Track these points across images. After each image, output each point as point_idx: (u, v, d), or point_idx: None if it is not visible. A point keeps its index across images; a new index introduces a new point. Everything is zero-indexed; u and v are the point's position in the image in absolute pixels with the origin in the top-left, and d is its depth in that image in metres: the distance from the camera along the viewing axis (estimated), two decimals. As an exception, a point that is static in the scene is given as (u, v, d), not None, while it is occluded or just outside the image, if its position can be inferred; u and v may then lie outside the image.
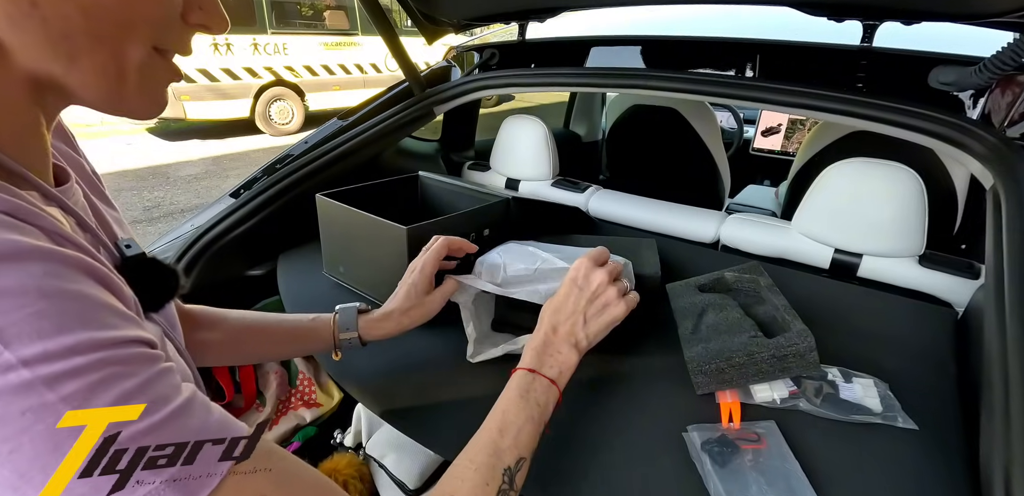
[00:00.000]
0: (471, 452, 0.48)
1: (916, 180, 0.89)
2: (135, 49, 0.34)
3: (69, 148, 0.47)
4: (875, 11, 0.79)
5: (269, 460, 0.33)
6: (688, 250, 1.08)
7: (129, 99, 0.35)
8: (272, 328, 0.68)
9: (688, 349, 0.66)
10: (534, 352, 0.55)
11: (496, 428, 0.49)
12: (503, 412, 0.50)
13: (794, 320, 0.63)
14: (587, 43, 1.17)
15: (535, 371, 0.54)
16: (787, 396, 0.61)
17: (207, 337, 0.64)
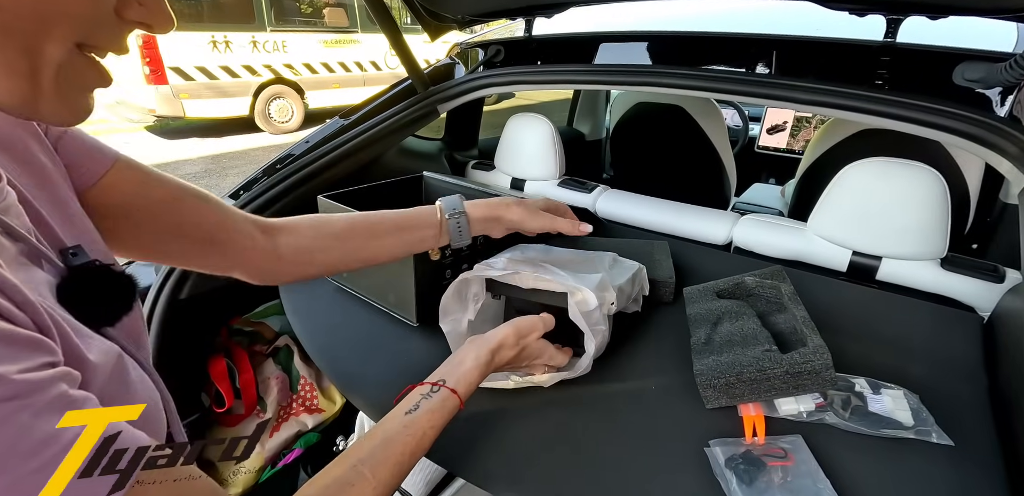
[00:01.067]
0: (373, 464, 0.45)
1: (939, 180, 0.86)
2: (53, 46, 0.29)
3: (14, 142, 0.41)
4: (900, 5, 0.75)
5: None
6: (700, 252, 1.05)
7: (44, 103, 0.30)
8: (374, 222, 0.64)
9: (698, 361, 0.63)
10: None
11: (410, 451, 0.47)
12: (423, 435, 0.49)
13: (812, 334, 0.60)
14: (595, 39, 1.13)
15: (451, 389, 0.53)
16: (813, 409, 0.59)
17: (310, 244, 0.60)
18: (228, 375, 1.06)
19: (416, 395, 0.52)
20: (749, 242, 1.04)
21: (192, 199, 0.53)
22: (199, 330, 0.98)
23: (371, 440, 0.47)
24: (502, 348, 0.57)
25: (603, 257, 0.77)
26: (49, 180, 0.42)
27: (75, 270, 0.38)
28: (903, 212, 0.87)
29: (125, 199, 0.48)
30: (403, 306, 0.79)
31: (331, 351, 0.76)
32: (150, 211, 0.50)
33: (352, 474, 0.43)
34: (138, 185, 0.49)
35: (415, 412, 0.50)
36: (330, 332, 0.81)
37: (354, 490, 0.42)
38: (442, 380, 0.53)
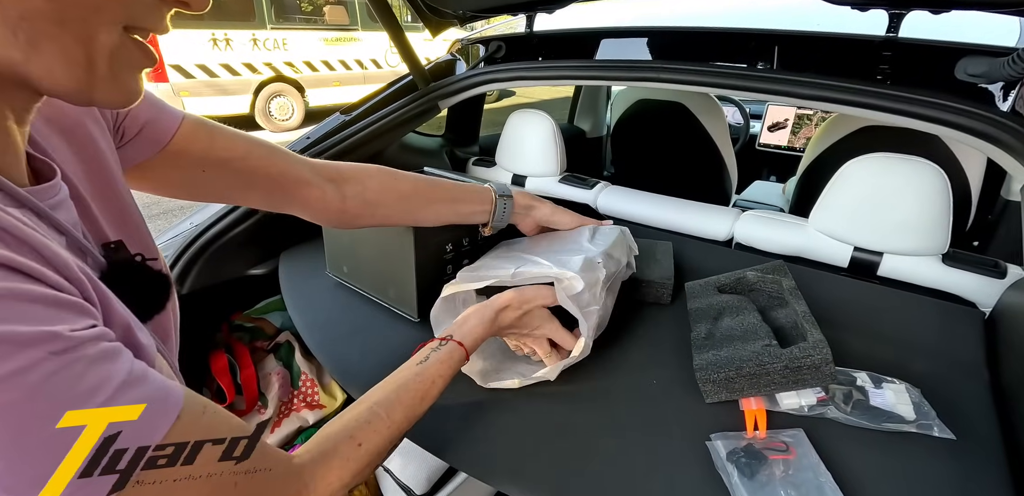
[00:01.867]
0: (388, 405, 0.49)
1: (941, 176, 0.86)
2: (105, 32, 0.30)
3: (81, 132, 0.43)
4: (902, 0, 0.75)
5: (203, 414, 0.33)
6: (701, 248, 1.05)
7: (100, 88, 0.31)
8: (436, 189, 0.70)
9: (698, 356, 0.63)
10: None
11: (421, 396, 0.52)
12: (432, 382, 0.53)
13: (812, 329, 0.60)
14: (596, 35, 1.13)
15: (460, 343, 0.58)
16: (815, 403, 0.59)
17: (376, 198, 0.66)
18: (229, 370, 1.06)
19: (427, 349, 0.56)
20: (750, 238, 1.04)
21: (261, 150, 0.57)
22: (201, 326, 0.98)
23: (386, 386, 0.51)
24: (506, 309, 0.61)
25: (581, 232, 0.78)
26: (104, 168, 0.43)
27: (114, 265, 0.40)
28: (904, 207, 0.87)
29: (198, 154, 0.52)
30: (404, 301, 0.79)
31: (331, 345, 0.76)
32: (222, 164, 0.54)
33: (369, 414, 0.47)
34: (208, 140, 0.53)
35: (426, 362, 0.54)
36: (330, 327, 0.81)
37: (371, 427, 0.46)
38: (449, 335, 0.58)
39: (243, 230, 0.96)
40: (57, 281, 0.29)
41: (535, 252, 0.71)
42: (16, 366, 0.24)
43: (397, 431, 0.49)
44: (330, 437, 0.45)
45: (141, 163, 0.49)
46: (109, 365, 0.28)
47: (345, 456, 0.43)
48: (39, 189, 0.35)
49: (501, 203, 0.73)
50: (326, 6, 6.60)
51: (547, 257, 0.68)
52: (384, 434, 0.47)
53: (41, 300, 0.27)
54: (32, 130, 0.37)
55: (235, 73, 5.91)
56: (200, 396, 0.34)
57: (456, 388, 0.66)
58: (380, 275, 0.83)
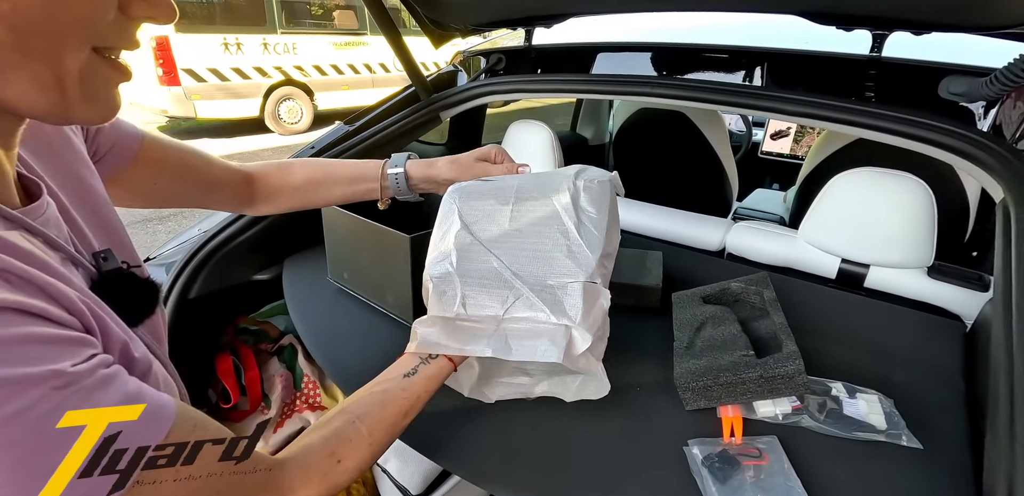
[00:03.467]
0: (371, 422, 0.49)
1: (925, 190, 0.88)
2: (71, 55, 0.31)
3: (54, 150, 0.45)
4: (884, 21, 0.78)
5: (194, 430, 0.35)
6: (693, 258, 1.07)
7: (75, 107, 0.33)
8: (329, 174, 0.74)
9: (678, 365, 0.66)
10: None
11: (404, 412, 0.51)
12: (418, 398, 0.53)
13: (787, 340, 0.63)
14: (594, 49, 1.16)
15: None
16: (789, 412, 0.61)
17: (277, 191, 0.73)
18: (234, 372, 1.09)
19: (415, 359, 0.55)
20: (742, 248, 1.06)
21: (199, 159, 0.66)
22: (207, 328, 1.02)
23: (370, 397, 0.51)
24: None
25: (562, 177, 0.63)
26: (83, 181, 0.47)
27: (105, 275, 0.42)
28: (890, 221, 0.89)
29: (154, 167, 0.60)
30: (401, 307, 0.82)
31: (331, 349, 0.80)
32: (173, 174, 0.62)
33: (350, 430, 0.47)
34: (162, 153, 0.60)
35: (413, 376, 0.53)
36: (331, 331, 0.84)
37: (351, 445, 0.47)
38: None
39: (249, 237, 0.99)
40: (61, 316, 0.31)
41: (515, 266, 0.57)
42: (22, 405, 0.26)
43: (378, 448, 0.49)
44: (313, 450, 0.45)
45: (108, 178, 0.54)
46: (102, 393, 0.30)
47: (323, 471, 0.44)
48: (30, 209, 0.37)
49: (392, 177, 0.73)
50: (336, 11, 6.68)
51: (533, 285, 0.56)
52: (364, 452, 0.47)
53: (48, 340, 0.29)
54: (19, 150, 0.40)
55: (246, 77, 6.00)
56: (193, 412, 0.36)
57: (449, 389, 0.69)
58: (378, 282, 0.86)
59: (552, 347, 0.52)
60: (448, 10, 1.11)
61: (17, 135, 0.36)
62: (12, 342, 0.27)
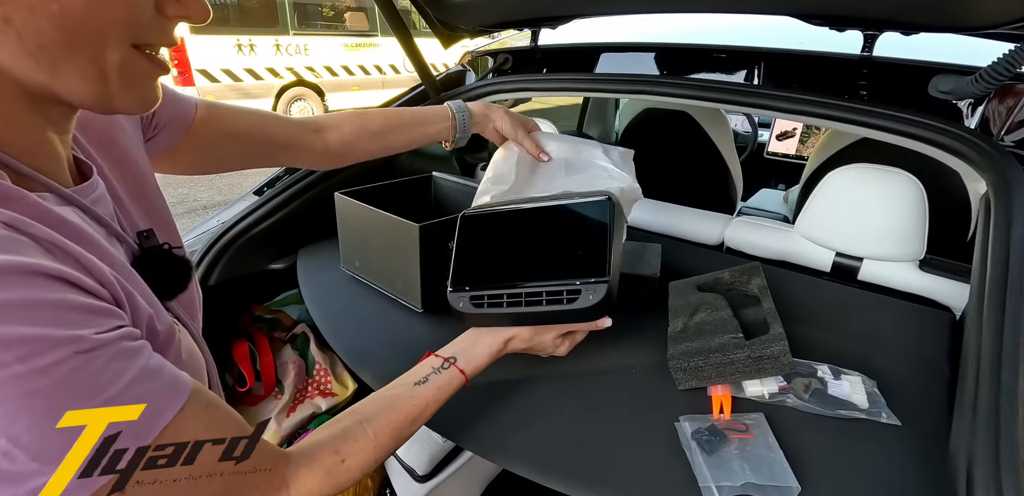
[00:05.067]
0: (377, 425, 0.50)
1: (916, 185, 0.91)
2: (112, 51, 0.34)
3: (108, 138, 0.49)
4: (874, 22, 0.81)
5: (207, 409, 0.37)
6: (693, 252, 1.11)
7: (116, 98, 0.36)
8: (404, 118, 0.80)
9: (672, 347, 0.69)
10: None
11: (412, 419, 0.53)
12: (426, 406, 0.55)
13: (774, 323, 0.66)
14: (598, 50, 1.20)
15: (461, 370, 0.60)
16: (776, 391, 0.64)
17: (353, 139, 0.76)
18: (250, 358, 1.14)
19: (427, 367, 0.58)
20: (739, 242, 1.09)
21: (258, 119, 0.69)
22: (225, 315, 1.06)
23: (380, 401, 0.53)
24: (514, 339, 0.62)
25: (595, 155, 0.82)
26: (135, 168, 0.50)
27: (145, 252, 0.46)
28: (882, 215, 0.92)
29: (212, 133, 0.63)
30: (409, 293, 0.86)
31: (344, 333, 0.84)
32: (232, 138, 0.65)
33: (357, 430, 0.49)
34: (218, 120, 0.63)
35: (424, 385, 0.56)
36: (343, 317, 0.88)
37: (356, 445, 0.48)
38: (454, 358, 0.59)
39: (264, 228, 1.04)
40: (93, 287, 0.33)
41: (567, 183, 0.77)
42: (49, 361, 0.28)
43: (383, 452, 0.50)
44: (319, 446, 0.47)
45: (168, 148, 0.58)
46: (125, 363, 0.32)
47: (327, 468, 0.46)
48: (81, 188, 0.41)
49: (460, 116, 0.81)
50: (347, 13, 6.77)
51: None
52: (369, 454, 0.48)
53: (77, 307, 0.31)
54: (77, 134, 0.44)
55: (258, 77, 6.09)
56: (208, 393, 0.38)
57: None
58: (388, 269, 0.90)
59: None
60: (457, 11, 1.15)
61: (72, 121, 0.40)
62: (47, 305, 0.29)
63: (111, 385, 0.31)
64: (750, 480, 0.53)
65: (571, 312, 0.57)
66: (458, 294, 0.62)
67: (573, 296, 0.56)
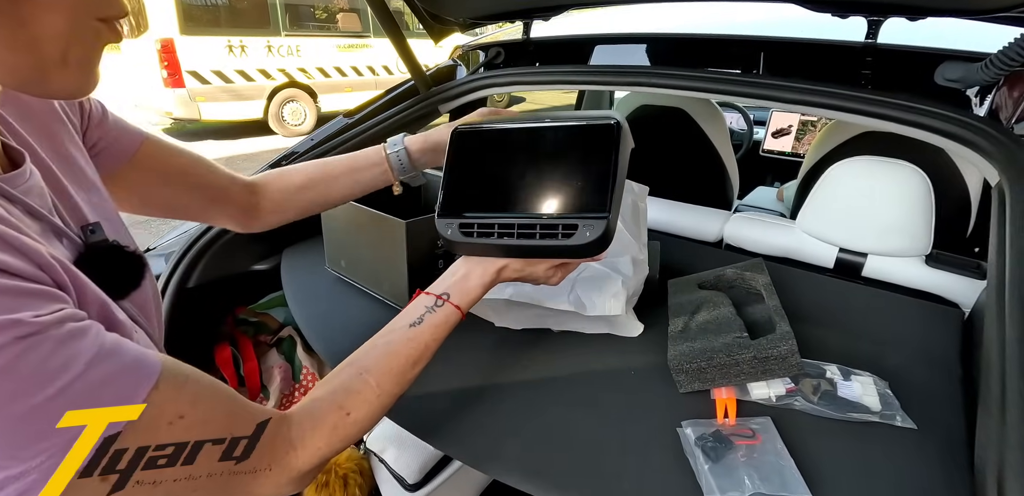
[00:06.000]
0: (378, 374, 0.48)
1: (922, 178, 0.88)
2: (49, 16, 0.31)
3: (48, 131, 0.45)
4: (880, 7, 0.78)
5: (186, 383, 0.34)
6: (692, 249, 1.07)
7: (54, 74, 0.33)
8: (330, 169, 0.72)
9: (672, 347, 0.66)
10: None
11: (413, 362, 0.51)
12: (426, 347, 0.52)
13: (781, 322, 0.63)
14: (592, 41, 1.17)
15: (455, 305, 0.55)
16: (784, 393, 0.61)
17: (281, 197, 0.70)
18: (233, 363, 1.10)
19: (420, 307, 0.54)
20: (740, 239, 1.06)
21: (201, 166, 0.63)
22: (205, 318, 1.02)
23: (375, 350, 0.50)
24: (506, 269, 0.57)
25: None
26: (75, 164, 0.46)
27: (91, 247, 0.42)
28: (887, 209, 0.89)
29: (156, 172, 0.58)
30: (396, 295, 0.82)
31: (329, 337, 0.80)
32: (168, 180, 0.60)
33: (358, 382, 0.47)
34: (165, 158, 0.58)
35: (419, 325, 0.52)
36: (329, 318, 0.84)
37: (360, 397, 0.46)
38: (447, 294, 0.55)
39: (247, 227, 1.00)
40: (24, 270, 0.30)
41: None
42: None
43: (388, 399, 0.48)
44: (320, 404, 0.45)
45: (108, 175, 0.53)
46: (77, 343, 0.29)
47: (333, 424, 0.44)
48: (9, 176, 0.37)
49: (394, 157, 0.71)
50: (339, 14, 6.72)
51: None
52: (374, 403, 0.47)
53: (7, 292, 0.28)
54: (4, 120, 0.40)
55: (250, 79, 6.03)
56: (186, 366, 0.36)
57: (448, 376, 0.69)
58: (375, 270, 0.86)
59: (616, 304, 0.68)
60: (447, 3, 1.11)
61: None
62: None
63: (66, 370, 0.28)
64: (759, 490, 0.49)
65: (565, 248, 0.53)
66: (446, 220, 0.57)
67: (569, 232, 0.52)
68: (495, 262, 0.57)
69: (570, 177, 0.54)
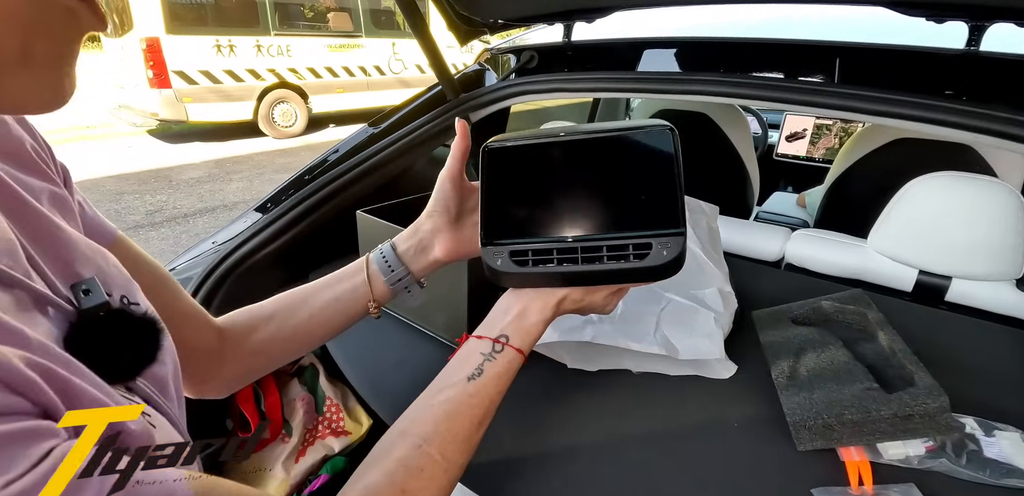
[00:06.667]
0: (440, 443, 0.40)
1: (1014, 195, 0.81)
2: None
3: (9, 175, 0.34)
4: (985, 10, 0.71)
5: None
6: (750, 269, 1.00)
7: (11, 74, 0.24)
8: (300, 289, 0.57)
9: (786, 399, 0.58)
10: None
11: (478, 423, 0.43)
12: (491, 402, 0.44)
13: (918, 371, 0.55)
14: (640, 45, 1.09)
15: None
16: (923, 453, 0.53)
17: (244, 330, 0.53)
18: (254, 398, 1.00)
19: (476, 354, 0.45)
20: (803, 258, 0.99)
21: (168, 284, 0.49)
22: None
23: (432, 412, 0.42)
24: (565, 301, 0.49)
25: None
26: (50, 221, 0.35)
27: (86, 314, 0.32)
28: (974, 229, 0.83)
29: None
30: (453, 329, 0.74)
31: (375, 379, 0.72)
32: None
33: (419, 457, 0.39)
34: (129, 264, 0.43)
35: (480, 378, 0.44)
36: (371, 358, 0.77)
37: (425, 475, 0.38)
38: (504, 337, 0.46)
39: (272, 251, 0.90)
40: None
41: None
42: None
43: (456, 472, 0.41)
44: (378, 490, 0.37)
45: None
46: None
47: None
48: None
49: (378, 256, 0.56)
50: (329, 13, 6.59)
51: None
52: (442, 481, 0.39)
53: None
54: None
55: (239, 79, 5.88)
56: (222, 489, 0.30)
57: (509, 427, 0.60)
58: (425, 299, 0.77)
59: (712, 346, 0.63)
60: (482, 2, 1.03)
61: None
62: None
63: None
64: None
65: (639, 270, 0.45)
66: (494, 249, 0.48)
67: (642, 252, 0.44)
68: (553, 293, 0.48)
69: (631, 190, 0.46)
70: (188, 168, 5.09)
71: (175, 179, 4.70)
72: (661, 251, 0.44)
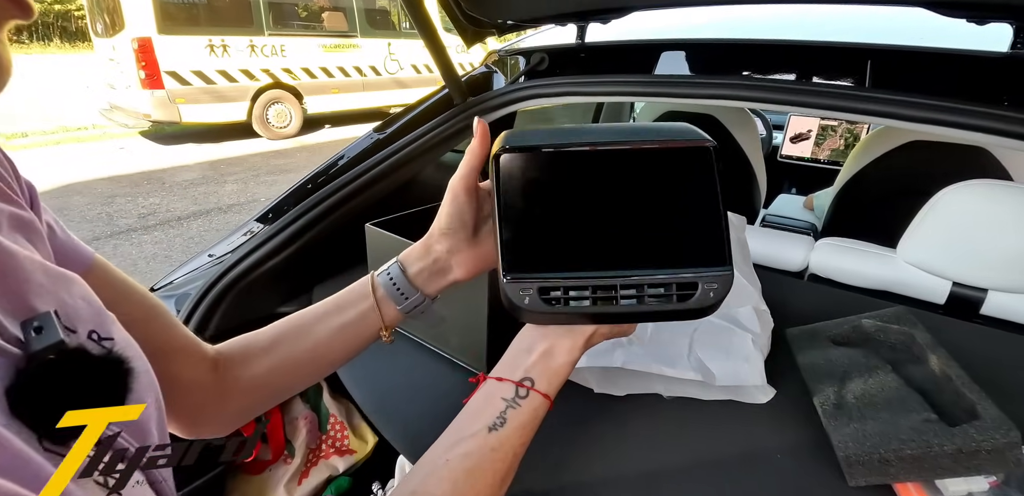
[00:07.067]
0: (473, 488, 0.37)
1: (1053, 205, 0.77)
2: None
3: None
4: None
5: None
6: (772, 280, 0.96)
7: None
8: (301, 315, 0.51)
9: (835, 430, 0.54)
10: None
11: (501, 478, 0.39)
12: (515, 455, 0.40)
13: (980, 400, 0.51)
14: (656, 47, 1.04)
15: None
16: (986, 489, 0.49)
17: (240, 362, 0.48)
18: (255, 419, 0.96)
19: (498, 400, 0.40)
20: (829, 269, 0.95)
21: (161, 320, 0.45)
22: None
23: (448, 468, 0.37)
24: (594, 336, 0.44)
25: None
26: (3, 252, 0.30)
27: (35, 359, 0.27)
28: (1013, 239, 0.79)
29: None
30: (470, 352, 0.69)
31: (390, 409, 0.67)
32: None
33: None
34: (110, 294, 0.38)
35: (503, 428, 0.39)
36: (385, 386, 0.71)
37: None
38: (529, 379, 0.41)
39: (274, 265, 0.86)
40: None
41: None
42: None
43: None
44: None
45: None
46: None
47: None
48: None
49: (385, 279, 0.50)
50: (324, 13, 6.52)
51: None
52: None
53: None
54: None
55: (232, 80, 5.81)
56: None
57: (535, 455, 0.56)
58: (440, 319, 0.73)
59: (752, 370, 0.60)
60: (492, 2, 0.98)
61: None
62: None
63: None
64: None
65: (682, 312, 0.40)
66: (520, 285, 0.40)
67: (687, 293, 0.39)
68: (583, 331, 0.43)
69: (671, 216, 0.40)
70: (181, 170, 5.01)
71: (168, 181, 4.63)
72: (708, 293, 0.38)
